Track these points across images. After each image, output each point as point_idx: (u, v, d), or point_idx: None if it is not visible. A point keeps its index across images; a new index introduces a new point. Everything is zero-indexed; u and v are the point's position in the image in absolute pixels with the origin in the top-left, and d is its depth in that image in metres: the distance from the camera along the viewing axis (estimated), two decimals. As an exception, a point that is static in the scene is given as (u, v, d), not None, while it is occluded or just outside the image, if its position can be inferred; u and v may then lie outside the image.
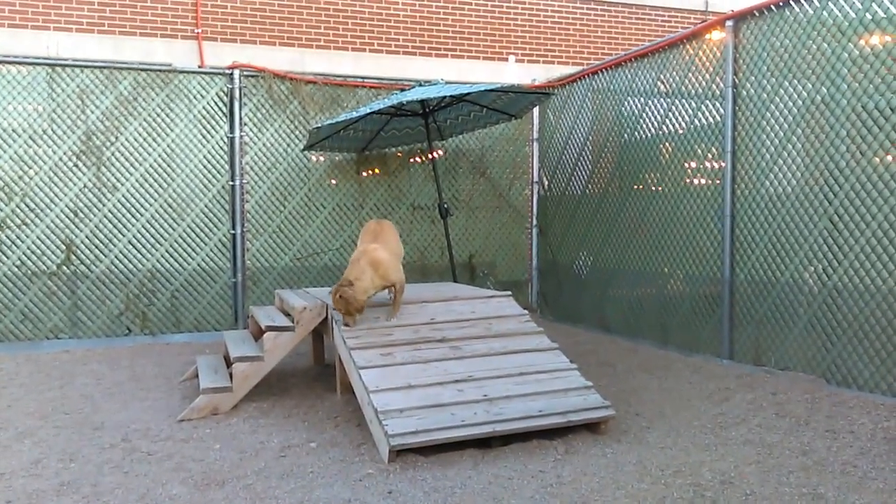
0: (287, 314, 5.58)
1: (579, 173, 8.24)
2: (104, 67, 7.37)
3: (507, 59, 11.37)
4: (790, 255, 5.50)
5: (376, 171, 8.39)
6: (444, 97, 6.95)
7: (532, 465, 3.81)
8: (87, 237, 7.28)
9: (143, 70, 7.51)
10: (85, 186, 7.27)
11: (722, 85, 6.08)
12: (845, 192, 5.06)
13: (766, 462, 3.79)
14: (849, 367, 5.05)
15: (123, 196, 7.40)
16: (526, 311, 5.33)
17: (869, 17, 4.90)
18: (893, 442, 4.01)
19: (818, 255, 5.28)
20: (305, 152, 7.96)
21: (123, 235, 7.40)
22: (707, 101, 6.29)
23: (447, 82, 7.09)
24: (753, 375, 5.57)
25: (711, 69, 6.22)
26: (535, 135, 9.05)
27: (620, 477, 3.62)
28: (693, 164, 6.52)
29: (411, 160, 8.52)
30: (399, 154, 8.48)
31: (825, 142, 5.23)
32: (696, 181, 6.48)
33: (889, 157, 4.79)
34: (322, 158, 8.14)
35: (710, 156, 6.30)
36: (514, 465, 3.81)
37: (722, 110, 6.09)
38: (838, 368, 5.12)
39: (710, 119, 6.28)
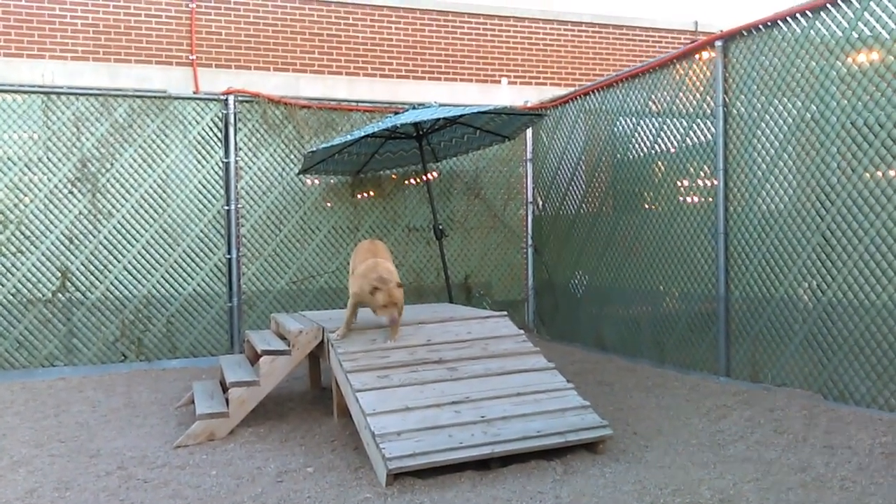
0: (283, 338, 5.57)
1: (573, 193, 8.28)
2: (99, 95, 7.41)
3: (499, 82, 11.47)
4: (784, 271, 5.52)
5: (371, 193, 8.42)
6: (438, 120, 7.00)
7: (531, 486, 3.79)
8: (82, 264, 7.28)
9: (138, 97, 7.56)
10: (80, 213, 7.28)
11: (713, 103, 6.13)
12: (837, 207, 5.10)
13: (764, 479, 3.78)
14: (846, 383, 5.05)
15: (119, 222, 7.41)
16: (522, 331, 5.33)
17: (856, 35, 4.96)
18: (892, 457, 4.00)
19: (812, 270, 5.30)
20: (300, 176, 7.99)
21: (119, 262, 7.40)
22: (698, 120, 6.35)
23: (441, 105, 7.15)
24: (751, 392, 5.57)
25: (702, 88, 6.29)
26: (529, 155, 9.10)
27: (619, 497, 3.60)
28: (686, 183, 6.56)
29: (406, 182, 8.56)
30: (394, 176, 8.52)
31: (816, 158, 5.27)
32: (689, 199, 6.51)
33: (879, 173, 4.83)
34: (317, 182, 8.17)
35: (702, 174, 6.34)
36: (513, 486, 3.80)
37: (713, 129, 6.14)
38: (835, 384, 5.13)
39: (702, 137, 6.33)
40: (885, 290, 4.78)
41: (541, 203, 8.99)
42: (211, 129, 7.73)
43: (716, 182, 6.09)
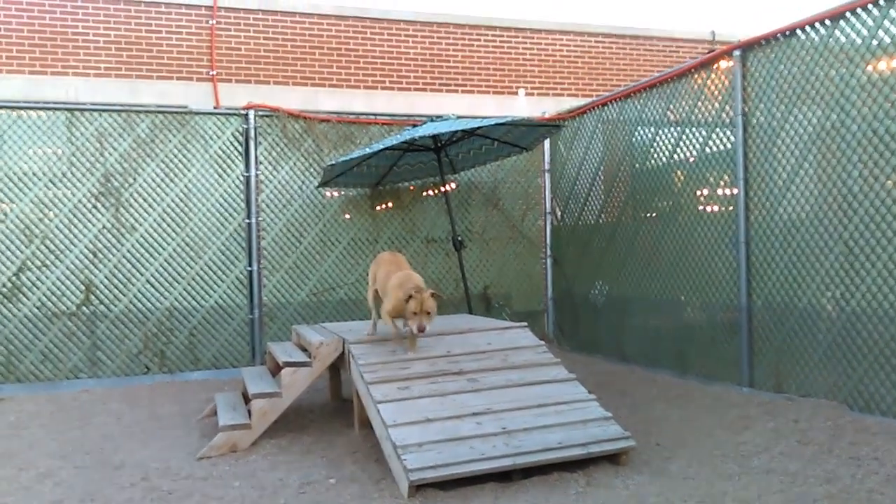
0: (304, 350, 5.60)
1: (592, 203, 8.27)
2: (122, 110, 7.53)
3: (516, 93, 11.50)
4: (807, 280, 5.48)
5: (390, 205, 8.46)
6: (456, 132, 7.03)
7: (553, 498, 3.78)
8: (105, 277, 7.36)
9: (159, 112, 7.66)
10: (104, 227, 7.38)
11: (732, 113, 6.11)
12: (860, 216, 5.06)
13: (789, 491, 3.74)
14: (871, 393, 4.99)
15: (141, 236, 7.50)
16: (542, 342, 5.32)
17: (876, 42, 4.94)
18: (920, 468, 3.95)
19: (835, 280, 5.25)
20: (320, 189, 8.05)
21: (142, 275, 7.48)
22: (717, 129, 6.32)
23: (458, 117, 7.18)
24: (774, 403, 5.51)
25: (721, 98, 6.27)
26: (547, 166, 9.10)
27: (643, 508, 3.58)
28: (706, 192, 6.54)
29: (424, 194, 8.59)
30: (412, 188, 8.55)
31: (837, 167, 5.23)
32: (709, 208, 6.49)
33: (902, 181, 4.79)
34: (336, 194, 8.23)
35: (722, 183, 6.31)
36: (535, 498, 3.79)
37: (733, 138, 6.12)
38: (860, 394, 5.07)
39: (722, 147, 6.31)
40: (911, 298, 4.72)
41: (559, 213, 8.98)
42: (231, 143, 7.82)
43: (736, 191, 6.06)
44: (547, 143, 9.01)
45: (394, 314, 4.96)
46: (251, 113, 7.85)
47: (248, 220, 7.83)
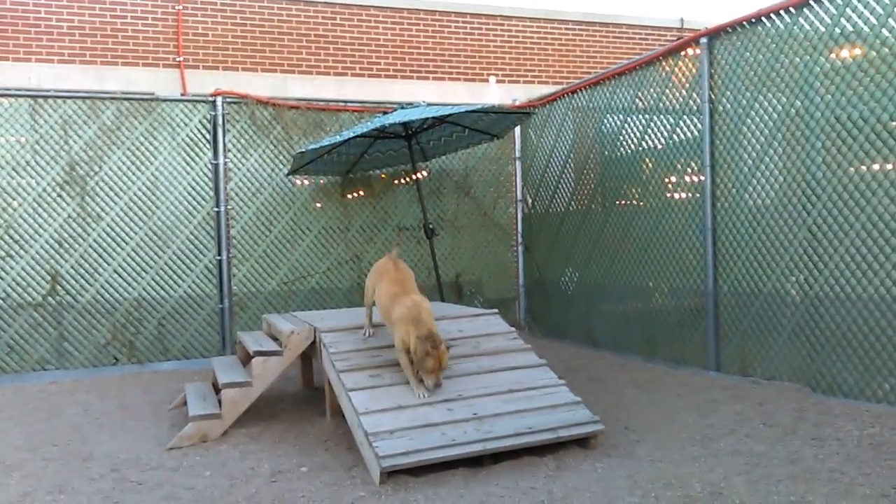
0: (275, 339, 5.58)
1: (562, 191, 8.32)
2: (87, 97, 7.39)
3: (487, 80, 11.50)
4: (772, 265, 5.58)
5: (361, 193, 8.43)
6: (427, 119, 7.02)
7: (523, 481, 3.82)
8: (72, 267, 7.26)
9: (125, 99, 7.54)
10: (69, 216, 7.26)
11: (699, 100, 6.18)
12: (823, 202, 5.15)
13: (754, 472, 3.83)
14: (833, 375, 5.11)
15: (108, 225, 7.40)
16: (513, 329, 5.36)
17: (838, 31, 5.02)
18: (879, 448, 4.06)
19: (799, 265, 5.36)
20: (290, 177, 7.99)
21: (109, 264, 7.38)
22: (685, 117, 6.39)
23: (429, 104, 7.17)
24: (740, 386, 5.62)
25: (688, 85, 6.33)
26: (518, 154, 9.13)
27: (611, 491, 3.64)
28: (673, 179, 6.61)
29: (396, 182, 8.57)
30: (383, 176, 8.53)
31: (801, 153, 5.33)
32: (677, 195, 6.56)
33: (864, 167, 4.89)
34: (307, 182, 8.18)
35: (689, 170, 6.39)
36: (506, 482, 3.82)
37: (700, 125, 6.19)
38: (823, 377, 5.18)
39: (689, 134, 6.38)
40: (871, 283, 4.84)
41: (530, 201, 9.03)
42: (199, 130, 7.72)
43: (703, 178, 6.14)
44: (518, 130, 9.04)
45: (405, 348, 4.52)
46: (219, 100, 7.77)
47: (216, 209, 7.75)
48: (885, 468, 3.75)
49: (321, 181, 8.24)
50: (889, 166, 4.74)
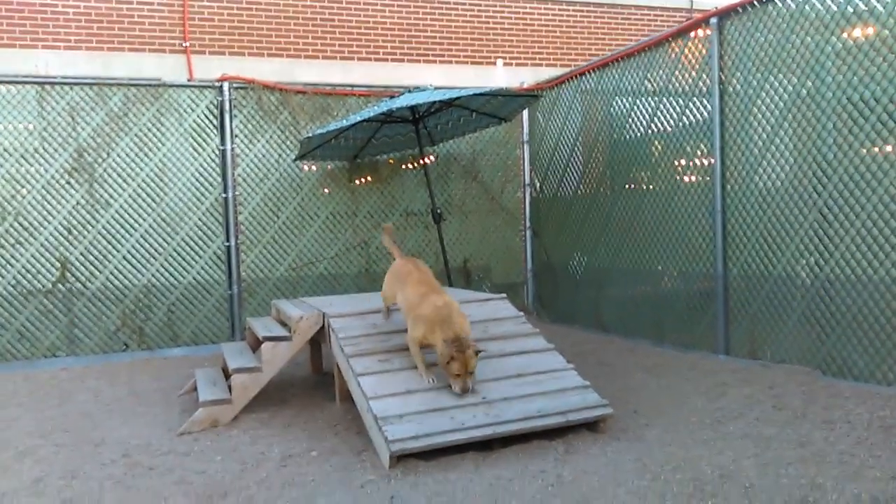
0: (284, 324, 5.59)
1: (570, 174, 8.28)
2: (94, 84, 7.38)
3: (495, 63, 11.43)
4: (782, 248, 5.54)
5: (368, 178, 8.41)
6: (434, 103, 6.98)
7: (533, 465, 3.83)
8: (81, 254, 7.28)
9: (132, 85, 7.53)
10: (78, 203, 7.28)
11: (709, 82, 6.12)
12: (834, 183, 5.11)
13: (764, 455, 3.82)
14: (844, 358, 5.09)
15: (117, 212, 7.41)
16: (522, 313, 5.35)
17: (850, 10, 4.95)
18: (890, 430, 4.04)
19: (809, 247, 5.32)
20: (297, 162, 7.98)
21: (118, 251, 7.41)
22: (694, 99, 6.33)
23: (436, 88, 7.13)
24: (750, 370, 5.60)
25: (697, 66, 6.27)
26: (526, 137, 9.09)
27: (620, 475, 3.64)
28: (683, 162, 6.56)
29: (403, 167, 8.55)
30: (391, 161, 8.51)
31: (812, 135, 5.27)
32: (686, 178, 6.52)
33: (876, 148, 4.84)
34: (314, 168, 8.16)
35: (699, 153, 6.34)
36: (515, 466, 3.83)
37: (709, 107, 6.14)
38: (833, 360, 5.16)
39: (698, 116, 6.32)
40: (883, 264, 4.80)
41: (538, 185, 8.99)
42: (206, 116, 7.71)
43: (712, 160, 6.09)
44: (525, 114, 8.98)
45: (423, 343, 4.46)
46: (226, 85, 7.74)
47: (224, 195, 7.75)
48: (895, 451, 3.73)
49: (328, 166, 8.22)
50: (901, 147, 4.68)
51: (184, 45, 9.84)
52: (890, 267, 4.75)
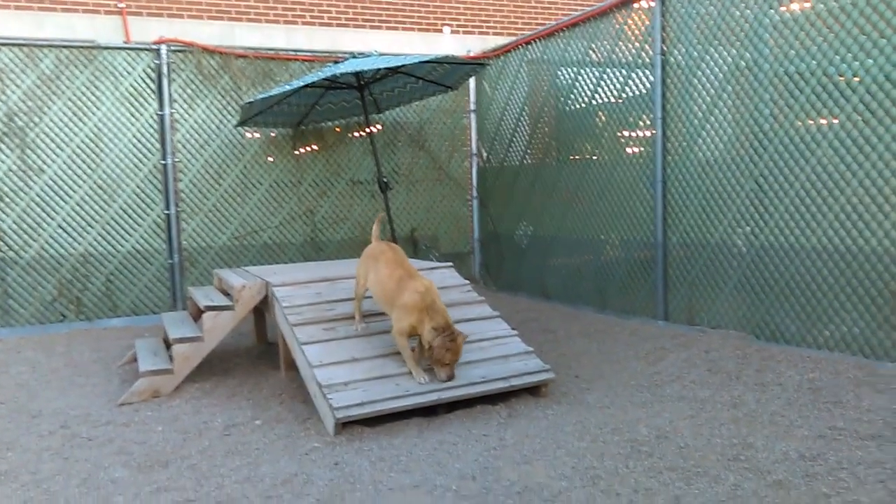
0: (227, 294, 5.51)
1: (517, 144, 8.31)
2: (24, 45, 7.07)
3: (442, 31, 11.32)
4: (719, 217, 5.68)
5: (313, 146, 8.29)
6: (380, 69, 6.89)
7: (476, 429, 3.89)
8: (14, 222, 7.02)
9: (65, 47, 7.23)
10: (9, 170, 7.00)
11: (651, 53, 6.19)
12: (770, 154, 5.25)
13: (699, 416, 3.95)
14: (776, 323, 5.27)
15: (51, 178, 7.16)
16: (468, 282, 5.39)
17: (789, -17, 5.05)
18: (818, 392, 4.22)
19: (746, 216, 5.47)
20: (240, 129, 7.81)
21: (53, 219, 7.17)
22: (637, 70, 6.40)
23: (381, 54, 7.04)
24: (687, 335, 5.77)
25: (641, 37, 6.33)
26: (473, 106, 9.07)
27: (561, 437, 3.73)
28: (626, 132, 6.65)
29: (349, 135, 8.45)
30: (337, 129, 8.39)
31: (750, 106, 5.39)
32: (628, 149, 6.61)
33: (810, 120, 4.98)
34: (257, 135, 8.01)
35: (641, 123, 6.43)
36: (459, 430, 3.89)
37: (652, 78, 6.21)
38: (767, 325, 5.35)
39: (641, 87, 6.40)
40: (815, 233, 4.97)
41: (485, 154, 9.00)
42: (143, 80, 7.47)
43: (654, 131, 6.19)
44: (472, 83, 8.96)
45: (407, 332, 4.29)
46: (163, 48, 7.50)
47: (163, 161, 7.55)
48: (822, 411, 3.91)
49: (272, 133, 8.07)
50: (834, 119, 4.83)
51: (119, 5, 9.47)
52: (822, 234, 4.93)
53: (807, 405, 4.02)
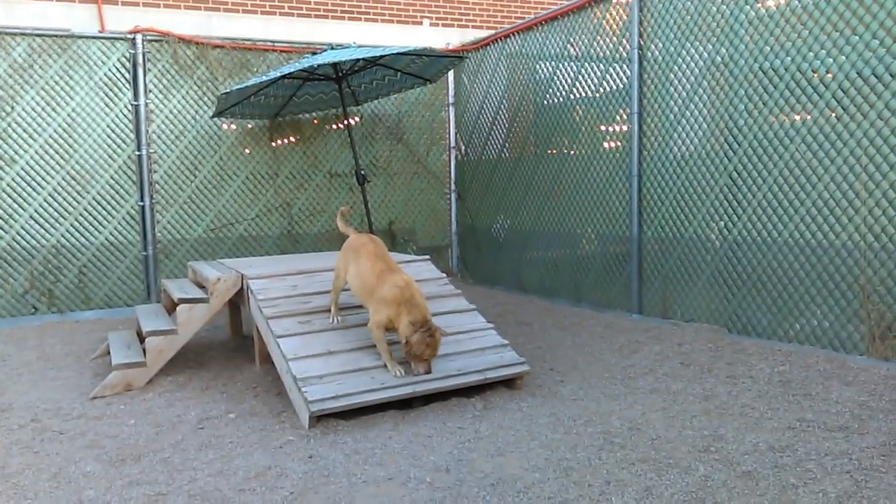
0: (202, 286, 5.47)
1: (495, 138, 8.32)
2: (-6, 33, 6.96)
3: (421, 23, 11.29)
4: (693, 211, 5.74)
5: (291, 138, 8.25)
6: (358, 60, 6.87)
7: (451, 422, 3.90)
8: (-17, 213, 6.92)
9: (38, 35, 7.12)
10: (-21, 159, 6.89)
11: (628, 47, 6.22)
12: (744, 149, 5.30)
13: (671, 408, 3.99)
14: (748, 317, 5.34)
15: (22, 168, 7.05)
16: (445, 275, 5.40)
17: (763, -20, 5.09)
18: (788, 384, 4.28)
19: (719, 210, 5.52)
20: (216, 120, 7.74)
21: (24, 210, 7.07)
22: (615, 64, 6.43)
23: (360, 46, 7.01)
24: (661, 328, 5.82)
25: (618, 32, 6.36)
26: (451, 99, 9.06)
27: (535, 429, 3.75)
28: (603, 127, 6.68)
29: (327, 127, 8.41)
30: (315, 121, 8.35)
31: (725, 102, 5.44)
32: (605, 144, 6.64)
33: (783, 116, 5.04)
34: (234, 126, 7.94)
35: (618, 118, 6.46)
36: (434, 423, 3.89)
37: (629, 72, 6.24)
38: (739, 318, 5.41)
39: (618, 82, 6.43)
40: (787, 227, 5.03)
41: (463, 148, 9.00)
42: (118, 69, 7.38)
43: (631, 126, 6.22)
44: (451, 76, 8.95)
45: (387, 327, 4.24)
46: (139, 37, 7.42)
47: (138, 152, 7.47)
48: (792, 403, 3.96)
49: (249, 125, 8.01)
50: (808, 115, 4.89)
51: (93, -7, 9.33)
52: (794, 229, 4.99)
53: (777, 397, 4.08)
